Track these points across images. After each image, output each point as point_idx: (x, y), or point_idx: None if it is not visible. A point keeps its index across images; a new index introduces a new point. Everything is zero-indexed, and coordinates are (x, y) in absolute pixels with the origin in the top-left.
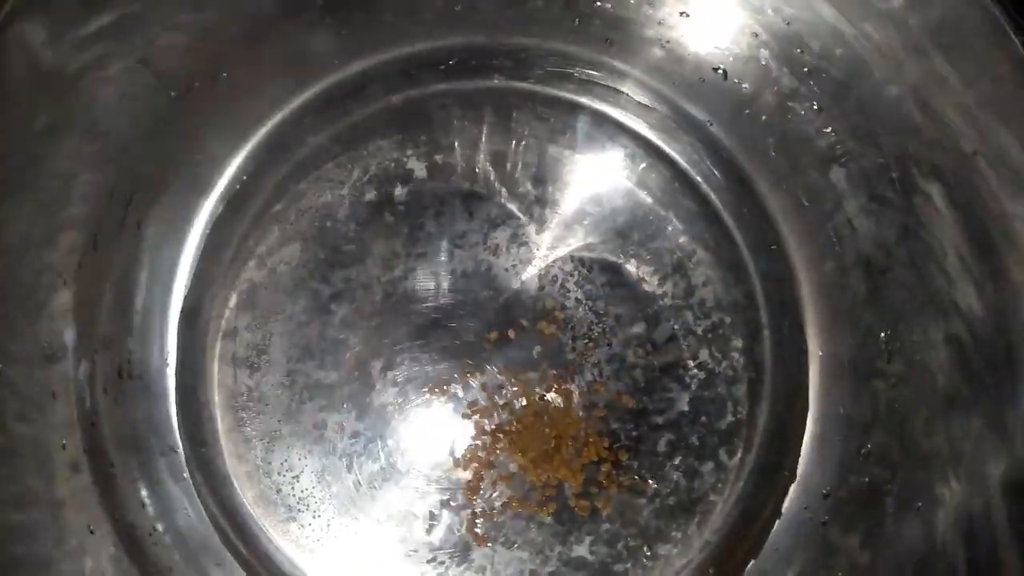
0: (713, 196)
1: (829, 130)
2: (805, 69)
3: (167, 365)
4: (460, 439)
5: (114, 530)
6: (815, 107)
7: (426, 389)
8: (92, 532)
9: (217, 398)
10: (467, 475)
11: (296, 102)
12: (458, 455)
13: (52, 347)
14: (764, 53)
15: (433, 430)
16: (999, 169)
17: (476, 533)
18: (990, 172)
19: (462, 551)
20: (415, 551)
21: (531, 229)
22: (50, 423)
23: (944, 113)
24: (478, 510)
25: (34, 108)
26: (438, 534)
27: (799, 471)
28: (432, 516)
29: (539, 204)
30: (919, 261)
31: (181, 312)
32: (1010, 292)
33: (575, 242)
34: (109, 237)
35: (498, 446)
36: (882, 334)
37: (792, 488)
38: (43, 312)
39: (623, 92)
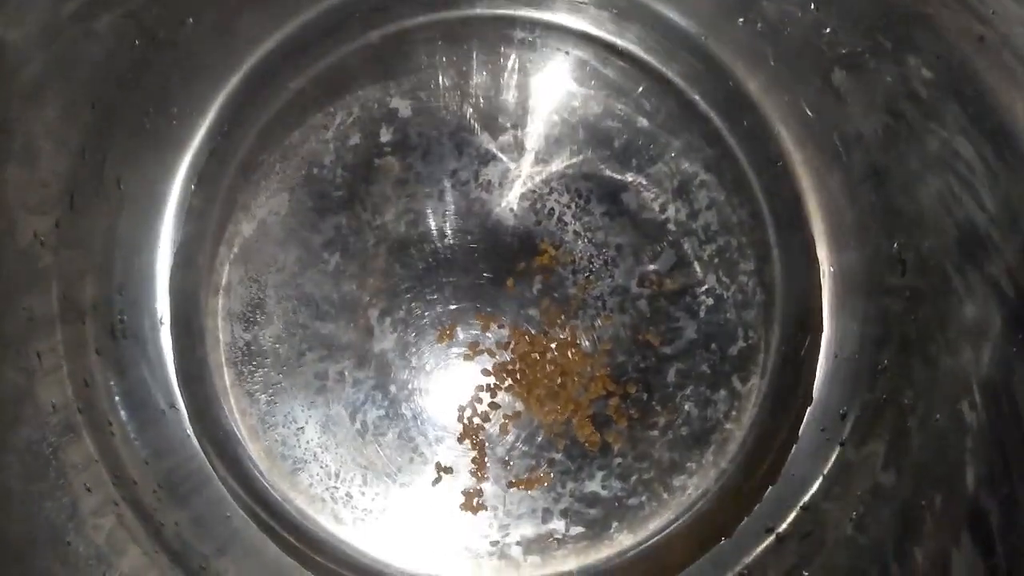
0: (713, 114)
1: (829, 30)
2: None
3: (161, 324)
4: (463, 381)
5: (117, 490)
6: (812, 6)
7: (426, 333)
8: (89, 490)
9: (215, 355)
10: (472, 417)
11: (269, 45)
12: (462, 398)
13: (34, 310)
14: None
15: (435, 374)
16: (1007, 54)
17: (482, 479)
18: (998, 58)
19: (471, 493)
20: (424, 496)
21: (523, 162)
22: (40, 385)
23: None
24: (486, 452)
25: None
26: (447, 478)
27: (815, 393)
28: (439, 461)
29: (530, 136)
30: (930, 163)
31: (171, 269)
32: None
33: (571, 172)
34: (87, 196)
35: (503, 386)
36: (894, 244)
37: (808, 411)
38: (23, 275)
39: (612, 11)
